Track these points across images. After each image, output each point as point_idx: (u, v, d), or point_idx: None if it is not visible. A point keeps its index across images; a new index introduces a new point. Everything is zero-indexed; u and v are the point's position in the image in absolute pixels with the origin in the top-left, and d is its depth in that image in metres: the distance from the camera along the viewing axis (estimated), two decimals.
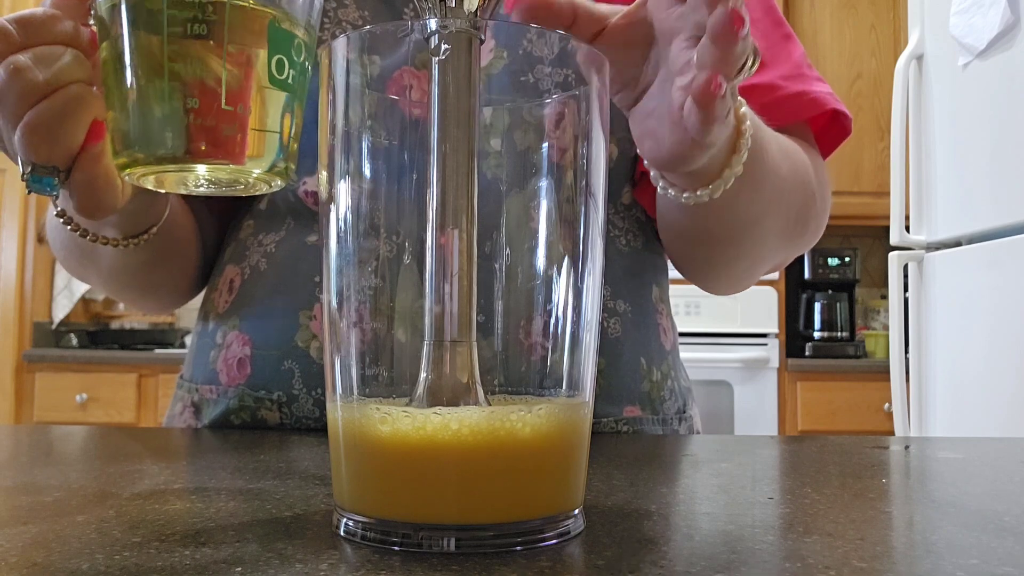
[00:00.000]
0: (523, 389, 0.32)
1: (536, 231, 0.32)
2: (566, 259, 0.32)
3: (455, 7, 0.32)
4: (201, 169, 0.37)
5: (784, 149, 0.60)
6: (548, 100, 0.34)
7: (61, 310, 3.07)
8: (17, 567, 0.27)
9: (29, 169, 0.39)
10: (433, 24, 0.31)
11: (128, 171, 0.37)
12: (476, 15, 0.32)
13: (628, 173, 0.69)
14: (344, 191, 0.32)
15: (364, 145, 0.32)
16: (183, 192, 0.39)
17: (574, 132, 0.33)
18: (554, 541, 0.30)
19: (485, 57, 0.62)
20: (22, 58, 0.38)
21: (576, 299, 0.32)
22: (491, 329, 0.32)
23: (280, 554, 0.28)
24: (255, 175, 0.38)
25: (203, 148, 0.36)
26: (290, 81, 0.38)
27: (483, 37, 0.32)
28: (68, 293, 3.08)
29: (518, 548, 0.29)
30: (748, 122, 0.45)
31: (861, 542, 0.30)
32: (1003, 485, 0.45)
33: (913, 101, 1.91)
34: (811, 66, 0.70)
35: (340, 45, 0.32)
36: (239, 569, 0.26)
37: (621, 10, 0.42)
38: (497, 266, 0.32)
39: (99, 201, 0.41)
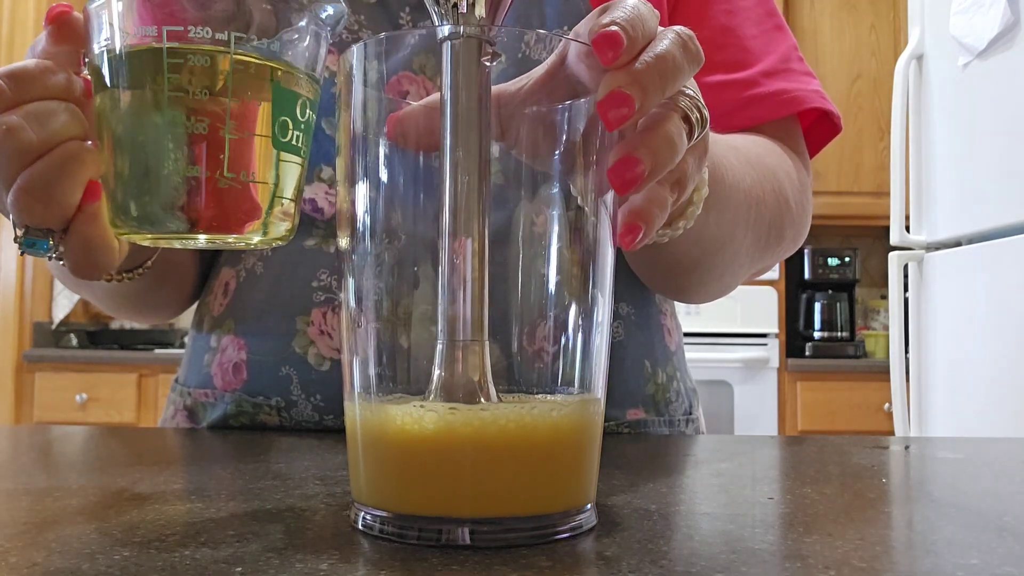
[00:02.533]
0: (536, 389, 0.32)
1: (547, 236, 0.33)
2: (576, 264, 0.33)
3: (467, 13, 0.31)
4: (202, 239, 0.35)
5: (746, 159, 0.57)
6: (559, 107, 0.34)
7: (61, 310, 3.07)
8: (17, 567, 0.27)
9: (23, 231, 0.37)
10: (446, 30, 0.31)
11: (125, 236, 0.36)
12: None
13: None
14: (363, 195, 0.33)
15: (381, 151, 0.33)
16: (179, 247, 0.38)
17: (583, 137, 0.33)
18: (567, 535, 0.31)
19: None
20: (14, 117, 0.36)
21: (587, 302, 0.33)
22: (505, 331, 0.32)
23: (280, 554, 0.28)
24: (256, 240, 0.37)
25: (205, 221, 0.34)
26: (294, 142, 0.36)
27: (493, 42, 0.32)
28: (68, 293, 3.08)
29: (532, 542, 0.30)
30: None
31: (861, 542, 0.30)
32: (1003, 485, 0.45)
33: (913, 101, 1.91)
34: (801, 59, 0.68)
35: (357, 52, 0.33)
36: (239, 569, 0.26)
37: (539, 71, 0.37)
38: (510, 270, 0.32)
39: (96, 262, 0.39)
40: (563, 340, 0.32)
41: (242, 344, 0.64)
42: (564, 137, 0.33)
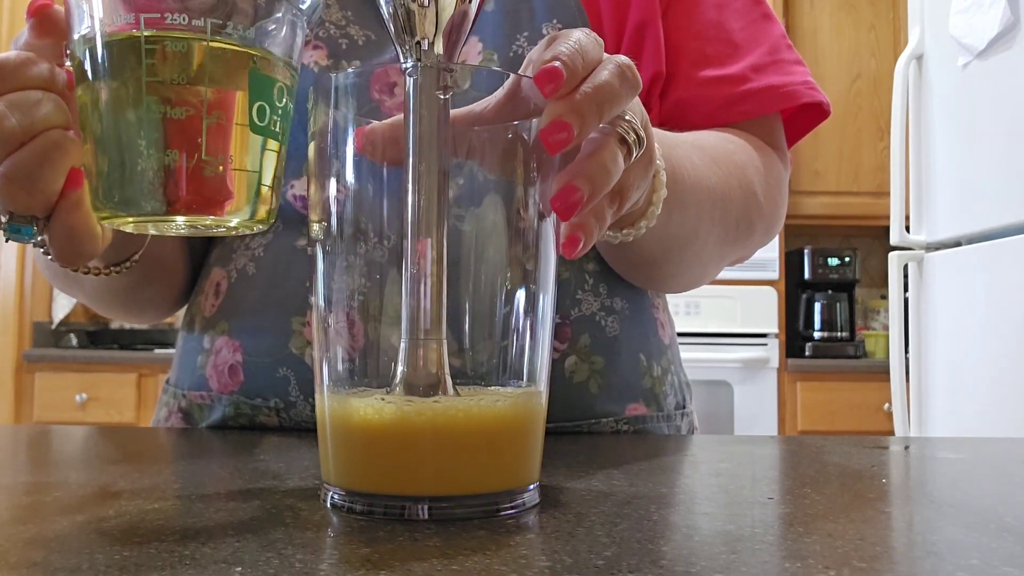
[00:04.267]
0: (486, 381, 0.36)
1: (495, 241, 0.37)
2: (520, 266, 0.37)
3: (428, 50, 0.36)
4: (181, 220, 0.36)
5: (711, 158, 0.58)
6: (513, 126, 0.37)
7: (61, 310, 3.07)
8: (17, 566, 0.27)
9: (7, 218, 0.38)
10: (410, 63, 0.36)
11: (108, 221, 0.37)
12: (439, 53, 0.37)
13: None
14: (332, 202, 0.36)
15: (349, 161, 0.36)
16: (161, 233, 0.39)
17: (524, 151, 0.37)
18: (513, 511, 0.35)
19: (474, 59, 0.62)
20: None
21: (531, 301, 0.37)
22: (459, 328, 0.36)
23: (280, 553, 0.28)
24: (235, 223, 0.37)
25: (184, 202, 0.35)
26: (272, 127, 0.37)
27: (453, 73, 0.36)
28: None
29: (482, 516, 0.34)
30: (655, 145, 0.43)
31: (861, 542, 0.30)
32: (1003, 485, 0.45)
33: (913, 101, 1.91)
34: (790, 47, 0.69)
35: (331, 80, 0.36)
36: (239, 569, 0.26)
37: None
38: (462, 273, 0.36)
39: (79, 249, 0.40)
40: (511, 336, 0.37)
41: (237, 346, 0.64)
42: (518, 153, 0.37)
